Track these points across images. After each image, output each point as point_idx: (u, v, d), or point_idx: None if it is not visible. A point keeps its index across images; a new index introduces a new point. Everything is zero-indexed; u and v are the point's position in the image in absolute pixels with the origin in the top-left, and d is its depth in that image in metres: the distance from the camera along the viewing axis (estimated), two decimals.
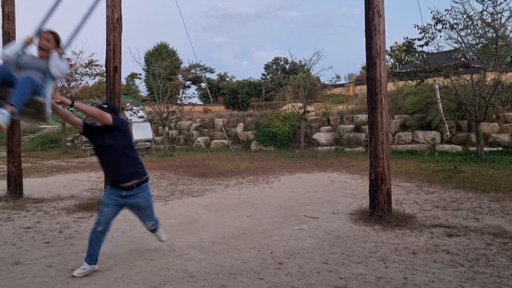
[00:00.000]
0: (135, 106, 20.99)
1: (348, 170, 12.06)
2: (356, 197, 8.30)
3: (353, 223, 6.32)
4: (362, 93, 28.71)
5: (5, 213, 7.48)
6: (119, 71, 8.21)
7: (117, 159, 4.59)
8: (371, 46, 6.48)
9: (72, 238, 5.90)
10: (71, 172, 13.47)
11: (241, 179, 11.12)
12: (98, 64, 21.93)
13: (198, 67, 28.14)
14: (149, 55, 43.53)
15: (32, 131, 28.40)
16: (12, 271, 4.61)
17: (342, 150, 17.60)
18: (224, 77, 55.26)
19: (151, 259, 4.91)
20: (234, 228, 6.29)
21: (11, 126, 8.92)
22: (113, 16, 8.04)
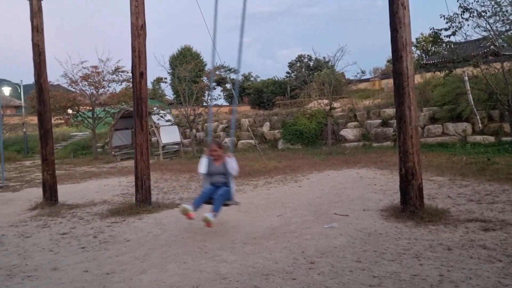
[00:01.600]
0: (162, 110, 21.25)
1: (377, 166, 11.90)
2: (386, 193, 8.18)
3: (385, 220, 6.23)
4: (388, 87, 28.27)
5: (41, 220, 7.70)
6: (145, 76, 8.34)
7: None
8: (396, 39, 6.37)
9: (106, 243, 6.02)
10: (102, 177, 13.75)
11: (269, 179, 11.12)
12: (125, 70, 22.32)
13: (223, 68, 28.33)
14: (174, 59, 44.01)
15: (64, 139, 29.12)
16: (50, 277, 4.74)
17: (370, 146, 17.37)
18: (248, 77, 55.36)
19: (183, 261, 4.96)
20: (264, 228, 6.30)
21: (44, 135, 9.19)
22: (137, 23, 8.17)
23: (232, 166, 6.09)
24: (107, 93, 22.99)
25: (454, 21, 13.77)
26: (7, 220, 7.89)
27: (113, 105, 22.87)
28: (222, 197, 5.98)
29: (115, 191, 10.71)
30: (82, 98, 22.53)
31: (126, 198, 9.41)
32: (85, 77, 21.68)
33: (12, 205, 9.42)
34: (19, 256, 5.61)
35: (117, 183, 12.05)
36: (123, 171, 15.00)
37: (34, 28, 9.10)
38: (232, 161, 6.11)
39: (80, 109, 22.93)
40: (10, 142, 28.50)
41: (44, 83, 9.26)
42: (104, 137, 25.83)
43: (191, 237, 6.07)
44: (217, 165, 6.24)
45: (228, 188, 6.13)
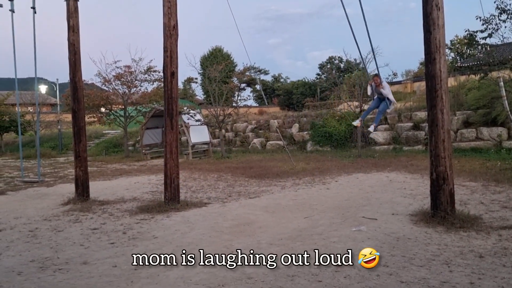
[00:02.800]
0: (192, 110, 21.47)
1: (407, 170, 11.70)
2: (416, 198, 8.02)
3: (414, 225, 6.11)
4: (421, 89, 27.73)
5: (73, 215, 7.91)
6: (176, 76, 8.45)
7: None
8: (429, 41, 6.25)
9: (135, 239, 6.12)
10: (133, 175, 14.00)
11: (297, 180, 11.08)
12: (156, 70, 22.62)
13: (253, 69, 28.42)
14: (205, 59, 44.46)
15: (96, 137, 29.82)
16: (80, 270, 4.86)
17: (400, 149, 17.08)
18: (278, 78, 55.35)
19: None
20: (291, 230, 6.28)
21: (77, 133, 9.43)
22: (169, 24, 8.28)
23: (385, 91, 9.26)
24: (139, 92, 23.38)
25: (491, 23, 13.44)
26: (41, 214, 8.13)
27: (144, 104, 23.25)
28: (382, 111, 9.66)
29: (145, 188, 10.88)
30: (114, 97, 22.99)
31: (155, 196, 9.55)
32: (118, 76, 22.12)
33: (46, 200, 9.71)
34: (51, 249, 5.78)
35: (147, 181, 12.24)
36: (153, 169, 15.24)
37: (70, 28, 9.36)
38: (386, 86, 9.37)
39: (113, 108, 23.41)
40: (45, 138, 29.40)
41: (78, 82, 9.51)
42: (135, 136, 26.30)
43: (217, 236, 6.11)
44: (378, 88, 9.32)
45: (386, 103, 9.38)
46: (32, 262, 5.24)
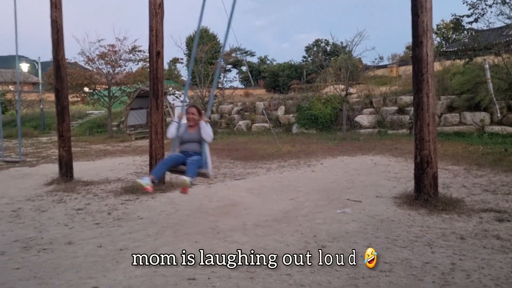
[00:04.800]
0: (178, 91, 21.28)
1: (392, 153, 11.81)
2: (400, 181, 8.12)
3: (398, 207, 6.20)
4: (406, 74, 27.86)
5: (57, 195, 7.83)
6: (161, 56, 8.34)
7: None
8: (417, 24, 6.25)
9: (120, 220, 6.10)
10: (117, 156, 13.88)
11: (283, 162, 11.12)
12: (141, 49, 22.27)
13: (239, 50, 28.22)
14: (190, 40, 43.90)
15: (80, 117, 29.41)
16: (65, 250, 4.83)
17: (385, 133, 17.22)
18: (264, 60, 55.05)
19: (195, 241, 5.01)
20: (276, 211, 6.31)
21: (61, 112, 9.28)
22: (155, 2, 8.14)
23: (207, 132, 5.47)
24: (124, 72, 23.02)
25: (477, 8, 13.49)
26: (24, 194, 8.04)
27: (129, 84, 22.94)
28: (197, 163, 5.30)
29: (129, 169, 10.81)
30: (98, 76, 22.63)
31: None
32: (102, 55, 21.74)
33: (28, 180, 9.59)
34: (35, 229, 5.73)
35: (132, 162, 12.16)
36: (138, 150, 15.12)
37: (53, 4, 9.12)
38: (208, 127, 5.52)
39: (96, 88, 23.06)
40: (27, 118, 28.89)
41: (61, 60, 9.32)
42: (120, 116, 26.01)
43: (203, 217, 6.12)
44: (190, 132, 5.62)
45: (201, 157, 5.46)
46: (15, 242, 5.19)
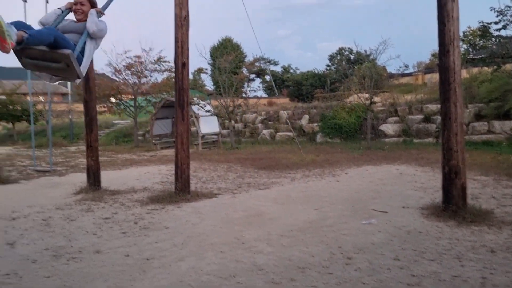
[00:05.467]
0: (202, 100, 21.49)
1: (418, 163, 11.63)
2: (427, 191, 7.98)
3: (425, 218, 6.10)
4: (432, 81, 27.46)
5: (85, 204, 7.99)
6: (187, 67, 8.46)
7: None
8: (443, 33, 6.19)
9: (146, 229, 6.18)
10: (143, 165, 14.08)
11: (307, 172, 11.08)
12: (166, 60, 22.62)
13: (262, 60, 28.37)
14: (215, 50, 44.32)
15: (107, 126, 29.97)
16: (93, 259, 4.93)
17: (410, 142, 16.97)
18: (288, 69, 55.09)
19: (220, 251, 5.04)
20: (301, 221, 6.29)
21: (89, 123, 9.48)
22: (180, 14, 8.27)
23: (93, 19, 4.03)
24: (149, 82, 23.40)
25: (505, 14, 13.26)
26: (54, 203, 8.23)
27: (154, 95, 23.30)
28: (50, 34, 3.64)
29: (155, 179, 10.95)
30: (125, 87, 23.06)
31: (166, 186, 9.61)
32: (129, 66, 22.16)
33: (58, 189, 9.82)
34: (64, 238, 5.86)
35: (157, 171, 12.31)
36: (163, 160, 15.30)
37: None
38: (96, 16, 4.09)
39: (123, 98, 23.50)
40: (56, 128, 29.60)
41: (90, 72, 9.54)
42: (145, 126, 26.38)
43: (228, 227, 6.14)
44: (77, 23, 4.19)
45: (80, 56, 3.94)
46: (46, 250, 5.32)
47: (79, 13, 4.17)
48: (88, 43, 4.02)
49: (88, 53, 4.03)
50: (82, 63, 3.93)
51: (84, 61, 3.97)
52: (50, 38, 3.60)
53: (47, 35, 3.62)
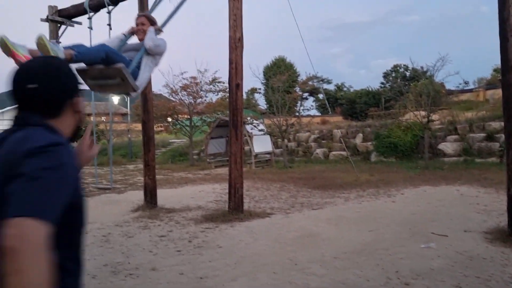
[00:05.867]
0: (255, 120, 21.72)
1: (480, 183, 11.08)
2: (491, 214, 7.57)
3: (489, 243, 5.77)
4: (494, 98, 26.22)
5: (142, 222, 8.24)
6: (241, 88, 8.61)
7: None
8: (506, 49, 5.92)
9: (200, 248, 6.27)
10: (197, 183, 14.35)
11: (361, 192, 10.85)
12: (221, 81, 23.15)
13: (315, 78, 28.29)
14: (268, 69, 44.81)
15: (163, 145, 30.90)
16: (149, 276, 5.05)
17: (472, 161, 16.22)
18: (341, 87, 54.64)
19: (273, 272, 5.00)
20: (355, 243, 6.15)
21: (147, 142, 9.82)
22: (235, 36, 8.46)
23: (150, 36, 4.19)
24: (204, 102, 24.04)
25: None
26: (113, 219, 8.54)
27: (209, 114, 23.84)
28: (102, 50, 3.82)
29: (209, 197, 11.11)
30: (181, 107, 23.79)
31: (219, 205, 9.72)
32: (184, 87, 22.86)
33: (117, 206, 10.19)
34: (122, 254, 6.05)
35: (211, 190, 12.49)
36: (217, 178, 15.53)
37: None
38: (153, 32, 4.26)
39: (179, 118, 24.21)
40: (116, 147, 30.88)
41: (148, 94, 9.94)
42: (200, 145, 26.96)
43: (281, 247, 6.10)
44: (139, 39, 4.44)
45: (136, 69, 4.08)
46: (105, 266, 5.51)
47: (140, 32, 4.36)
48: (144, 58, 4.14)
49: (144, 68, 4.12)
50: (138, 77, 4.03)
51: (140, 75, 4.06)
52: (101, 54, 3.75)
53: (97, 51, 3.78)
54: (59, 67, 1.53)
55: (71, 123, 1.53)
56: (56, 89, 1.45)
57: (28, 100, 1.42)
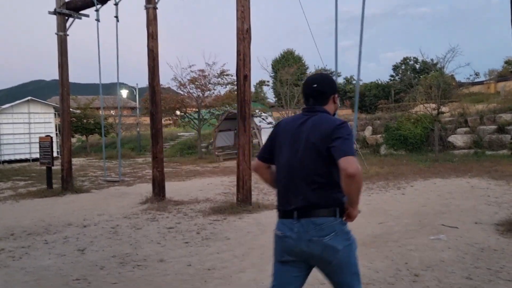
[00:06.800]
0: (264, 113, 21.64)
1: (491, 176, 10.95)
2: (502, 206, 7.48)
3: (500, 235, 5.70)
4: (506, 90, 25.92)
5: (151, 214, 8.25)
6: (248, 80, 8.55)
7: None
8: None
9: (208, 240, 6.26)
10: (206, 176, 14.36)
11: (371, 185, 10.77)
12: (229, 73, 23.05)
13: (324, 71, 28.11)
14: (276, 62, 44.66)
15: (172, 138, 30.98)
16: (157, 267, 5.05)
17: (482, 153, 16.04)
18: (350, 80, 54.32)
19: None
20: (365, 236, 6.09)
21: (155, 135, 9.82)
22: (242, 27, 8.40)
23: None
24: (212, 95, 23.95)
25: None
26: (122, 212, 8.57)
27: (217, 107, 23.78)
28: None
29: (217, 190, 11.11)
30: (189, 100, 23.74)
31: (228, 197, 9.71)
32: (193, 80, 22.81)
33: (126, 198, 10.23)
34: (130, 246, 6.06)
35: (220, 182, 12.49)
36: (226, 171, 15.53)
37: (150, 35, 9.78)
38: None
39: (187, 111, 24.19)
40: (125, 140, 31.06)
41: (156, 86, 9.92)
42: (208, 138, 26.98)
43: None
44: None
45: None
46: (113, 257, 5.52)
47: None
48: None
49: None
50: None
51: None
52: None
53: None
54: (328, 76, 2.78)
55: (332, 109, 2.61)
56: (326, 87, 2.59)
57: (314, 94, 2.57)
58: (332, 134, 2.32)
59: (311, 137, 2.39)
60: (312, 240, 2.35)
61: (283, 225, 2.49)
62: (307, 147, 2.39)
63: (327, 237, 2.32)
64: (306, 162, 2.40)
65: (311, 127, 2.42)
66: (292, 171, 2.46)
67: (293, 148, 2.46)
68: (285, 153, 2.50)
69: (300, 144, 2.43)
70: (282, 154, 2.52)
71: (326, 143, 2.32)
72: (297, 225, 2.39)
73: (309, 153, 2.39)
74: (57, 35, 11.60)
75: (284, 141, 2.52)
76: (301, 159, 2.41)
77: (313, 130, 2.40)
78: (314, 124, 2.42)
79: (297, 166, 2.43)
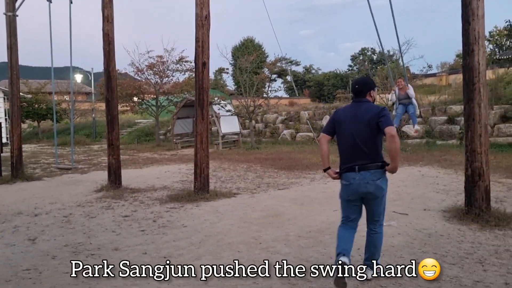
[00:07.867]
0: (223, 100, 21.55)
1: (441, 164, 11.41)
2: (450, 193, 7.82)
3: (447, 221, 5.97)
4: (456, 82, 26.95)
5: (106, 202, 8.09)
6: (207, 67, 8.48)
7: None
8: (468, 32, 6.04)
9: (164, 227, 6.21)
10: (163, 164, 14.20)
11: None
12: (188, 60, 22.76)
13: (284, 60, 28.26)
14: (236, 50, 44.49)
15: (129, 125, 30.36)
16: (112, 256, 4.97)
17: (433, 143, 16.67)
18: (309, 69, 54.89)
19: (238, 250, 5.02)
20: (320, 222, 6.23)
21: (111, 121, 9.60)
22: (201, 14, 8.30)
23: (411, 92, 10.86)
24: (171, 82, 23.61)
25: None
26: (75, 200, 8.36)
27: (176, 94, 23.48)
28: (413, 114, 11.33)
29: (175, 177, 11.02)
30: (147, 86, 23.31)
31: (185, 185, 9.66)
32: (151, 66, 22.39)
33: (80, 186, 9.97)
34: (84, 234, 5.93)
35: (177, 170, 12.39)
36: (183, 159, 15.41)
37: (105, 18, 9.50)
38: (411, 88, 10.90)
39: (145, 97, 23.75)
40: (80, 126, 30.16)
41: (112, 71, 9.67)
42: (167, 125, 26.65)
43: (246, 227, 6.12)
44: (402, 93, 10.98)
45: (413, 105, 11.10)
46: (66, 246, 5.39)
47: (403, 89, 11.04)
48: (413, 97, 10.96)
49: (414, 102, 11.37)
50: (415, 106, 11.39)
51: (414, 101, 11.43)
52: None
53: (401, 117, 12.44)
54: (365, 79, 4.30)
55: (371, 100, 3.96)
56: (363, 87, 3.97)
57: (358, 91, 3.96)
58: (378, 114, 3.74)
59: (366, 116, 3.78)
60: (369, 183, 3.79)
61: (348, 176, 3.90)
62: (363, 123, 3.78)
63: (378, 180, 3.80)
64: (363, 134, 3.78)
65: (365, 110, 3.83)
66: (354, 140, 3.83)
67: (354, 124, 3.83)
68: (347, 128, 3.88)
69: (359, 122, 3.81)
70: (345, 129, 3.89)
71: (375, 119, 3.73)
72: (358, 175, 3.81)
73: (364, 127, 3.78)
74: (6, 15, 11.06)
75: (345, 120, 3.89)
76: (360, 132, 3.78)
77: (367, 112, 3.80)
78: (366, 108, 3.84)
79: (357, 136, 3.80)
